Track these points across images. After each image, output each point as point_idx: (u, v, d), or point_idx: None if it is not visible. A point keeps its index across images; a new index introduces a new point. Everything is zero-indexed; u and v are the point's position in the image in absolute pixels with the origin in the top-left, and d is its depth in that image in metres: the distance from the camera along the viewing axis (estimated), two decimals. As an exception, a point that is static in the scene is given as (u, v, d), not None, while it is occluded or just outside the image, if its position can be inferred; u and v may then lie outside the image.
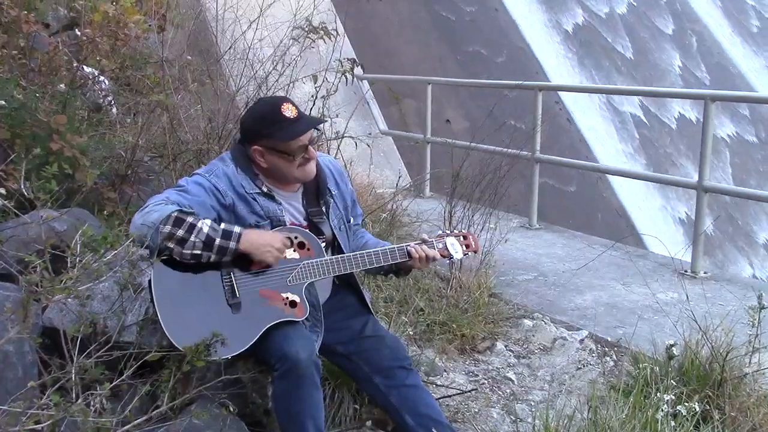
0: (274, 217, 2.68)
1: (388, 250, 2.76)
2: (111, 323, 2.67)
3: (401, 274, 2.97)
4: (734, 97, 9.34)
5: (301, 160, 2.67)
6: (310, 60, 5.34)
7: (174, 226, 2.43)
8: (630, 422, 2.48)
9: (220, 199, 2.61)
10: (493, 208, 4.94)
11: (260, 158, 2.67)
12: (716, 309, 4.08)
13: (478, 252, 3.11)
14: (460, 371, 3.68)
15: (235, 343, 2.45)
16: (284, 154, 2.64)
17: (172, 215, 2.44)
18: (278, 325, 2.52)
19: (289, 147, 2.63)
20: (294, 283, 2.61)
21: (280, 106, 2.63)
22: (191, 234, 2.44)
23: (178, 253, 2.46)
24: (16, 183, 2.82)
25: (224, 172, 2.66)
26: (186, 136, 4.29)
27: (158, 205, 2.48)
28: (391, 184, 6.03)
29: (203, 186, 2.60)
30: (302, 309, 2.57)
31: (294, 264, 2.63)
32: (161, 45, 4.69)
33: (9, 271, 2.50)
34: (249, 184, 2.67)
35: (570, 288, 4.84)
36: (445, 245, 2.88)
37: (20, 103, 3.39)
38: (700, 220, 5.22)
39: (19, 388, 2.31)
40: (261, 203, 2.67)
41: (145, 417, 2.42)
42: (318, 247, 2.69)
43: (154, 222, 2.43)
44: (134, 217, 2.51)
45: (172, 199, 2.52)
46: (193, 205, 2.53)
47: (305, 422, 2.48)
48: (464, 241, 2.94)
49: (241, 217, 2.63)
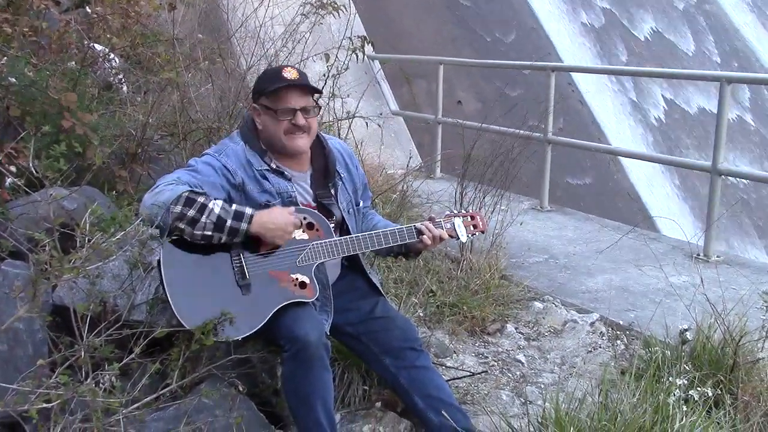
0: (285, 195, 2.66)
1: (397, 231, 2.75)
2: (121, 302, 2.67)
3: (411, 256, 2.96)
4: (751, 79, 9.20)
5: (288, 126, 2.64)
6: (321, 39, 5.30)
7: (185, 206, 2.41)
8: (641, 406, 2.45)
9: (230, 179, 2.60)
10: (505, 190, 4.90)
11: (257, 119, 2.71)
12: (729, 293, 4.03)
13: (485, 232, 3.08)
14: (470, 353, 3.67)
15: (244, 325, 2.45)
16: (271, 111, 2.64)
17: (183, 195, 2.42)
18: (288, 306, 2.52)
19: (276, 101, 2.64)
20: (303, 263, 2.59)
21: (283, 68, 2.68)
22: (202, 214, 2.43)
23: (189, 233, 2.44)
24: (26, 161, 2.81)
25: (234, 150, 2.66)
26: (196, 115, 4.27)
27: (169, 185, 2.47)
28: (402, 165, 5.99)
29: (213, 166, 2.59)
30: (312, 290, 2.56)
31: (303, 245, 2.61)
32: (172, 23, 4.66)
33: (19, 249, 2.50)
34: (258, 160, 2.66)
35: (581, 271, 4.82)
36: (453, 225, 2.86)
37: (31, 81, 3.38)
38: (714, 203, 5.17)
39: (29, 366, 2.33)
40: (271, 180, 2.66)
41: (155, 395, 2.43)
42: (327, 228, 2.67)
43: (164, 202, 2.41)
44: (144, 197, 2.50)
45: (183, 180, 2.50)
46: (204, 185, 2.51)
47: (314, 403, 2.47)
48: (471, 221, 2.92)
49: (252, 197, 2.62)
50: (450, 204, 4.78)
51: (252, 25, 5.26)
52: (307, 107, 2.67)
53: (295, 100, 2.64)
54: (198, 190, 2.47)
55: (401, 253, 2.92)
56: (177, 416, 2.48)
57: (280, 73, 2.65)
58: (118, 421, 2.27)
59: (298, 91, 2.66)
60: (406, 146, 8.57)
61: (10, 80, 3.33)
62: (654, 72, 11.30)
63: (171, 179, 2.51)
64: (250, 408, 2.65)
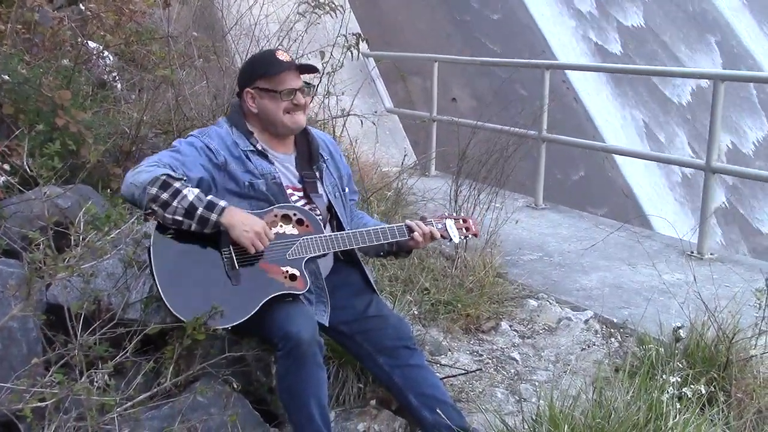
0: (269, 176, 2.70)
1: (388, 228, 2.78)
2: (115, 300, 2.67)
3: (401, 255, 2.98)
4: (744, 77, 9.24)
5: (288, 105, 2.72)
6: (316, 36, 5.29)
7: (160, 189, 2.44)
8: (635, 403, 2.46)
9: (212, 158, 2.64)
10: (499, 188, 4.91)
11: (251, 103, 2.75)
12: (723, 291, 4.05)
13: (478, 236, 3.10)
14: (465, 351, 3.67)
15: (235, 314, 2.45)
16: (273, 93, 2.71)
17: (159, 178, 2.45)
18: (281, 304, 2.52)
19: (277, 83, 2.71)
20: (293, 257, 2.60)
21: (275, 51, 2.78)
22: (175, 198, 2.44)
23: (161, 216, 2.46)
24: (20, 159, 2.81)
25: (217, 132, 2.73)
26: (191, 113, 4.26)
27: (150, 167, 2.51)
28: (397, 163, 5.99)
29: (194, 146, 2.65)
30: (302, 282, 2.57)
31: (293, 239, 2.63)
32: (166, 20, 4.65)
33: (13, 248, 2.49)
34: (244, 141, 2.73)
35: (575, 268, 4.83)
36: (445, 226, 2.87)
37: (24, 78, 3.36)
38: (708, 200, 5.19)
39: (23, 364, 2.32)
40: (254, 162, 2.70)
41: (149, 393, 2.43)
42: (317, 224, 2.69)
43: (142, 183, 2.45)
44: (126, 175, 2.55)
45: (164, 161, 2.55)
46: (186, 165, 2.56)
47: (308, 401, 2.47)
48: (464, 224, 2.93)
49: (235, 177, 2.65)
50: (445, 202, 4.79)
51: (247, 22, 5.26)
52: (302, 87, 2.78)
53: (294, 81, 2.75)
54: (176, 175, 2.49)
55: (391, 252, 2.94)
56: (171, 414, 2.48)
57: (274, 56, 2.74)
58: (112, 420, 2.27)
59: (295, 72, 2.77)
60: (400, 144, 8.58)
61: (4, 77, 3.32)
62: (648, 70, 11.33)
63: (153, 160, 2.56)
64: (244, 406, 2.65)
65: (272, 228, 2.60)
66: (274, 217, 2.64)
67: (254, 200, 2.66)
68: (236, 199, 2.63)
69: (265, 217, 2.61)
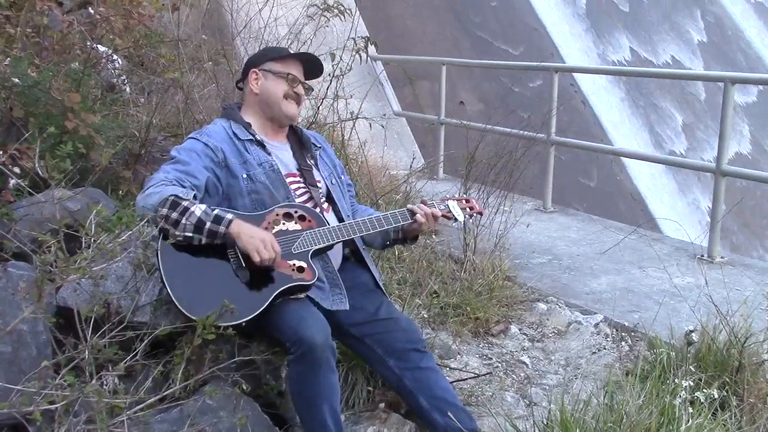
0: (267, 164, 2.77)
1: (390, 214, 2.81)
2: (125, 303, 2.67)
3: (408, 241, 3.01)
4: (755, 79, 9.18)
5: (289, 91, 2.87)
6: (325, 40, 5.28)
7: (170, 209, 2.48)
8: (647, 408, 2.44)
9: (213, 158, 2.70)
10: (508, 191, 4.90)
11: (255, 84, 2.89)
12: (734, 294, 4.03)
13: (483, 214, 3.15)
14: (474, 354, 3.66)
15: (245, 310, 2.45)
16: (279, 74, 2.87)
17: (168, 199, 2.49)
18: (292, 305, 2.52)
19: (285, 67, 2.88)
20: (299, 250, 2.62)
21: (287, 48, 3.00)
22: (183, 216, 2.48)
23: (172, 234, 2.49)
24: (30, 162, 2.81)
25: (215, 128, 2.83)
26: (200, 116, 4.26)
27: (158, 187, 2.54)
28: (405, 166, 5.98)
29: (195, 150, 2.71)
30: (310, 272, 2.58)
31: (297, 234, 2.65)
32: (176, 24, 4.66)
33: (23, 251, 2.49)
34: (243, 131, 2.82)
35: (585, 272, 4.80)
36: (448, 207, 2.88)
37: (34, 82, 3.37)
38: (718, 204, 5.15)
39: (33, 367, 2.32)
40: (251, 151, 2.77)
41: (158, 396, 2.42)
42: (319, 218, 2.71)
43: (153, 205, 2.50)
44: (137, 199, 2.59)
45: (171, 177, 2.59)
46: (190, 173, 2.62)
47: (321, 406, 2.46)
48: (467, 203, 2.95)
49: (234, 171, 2.71)
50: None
51: (256, 26, 5.25)
52: (305, 84, 2.96)
53: (300, 74, 2.93)
54: (184, 194, 2.52)
55: (397, 240, 2.96)
56: (181, 418, 2.48)
57: (282, 48, 2.91)
58: (122, 423, 2.26)
59: (301, 68, 2.94)
60: (409, 147, 8.56)
61: (14, 81, 3.33)
62: (657, 73, 11.30)
63: (160, 179, 2.59)
64: (254, 409, 2.65)
65: (275, 226, 2.64)
66: (276, 216, 2.66)
67: (255, 194, 2.71)
68: (238, 196, 2.70)
69: (267, 216, 2.65)
